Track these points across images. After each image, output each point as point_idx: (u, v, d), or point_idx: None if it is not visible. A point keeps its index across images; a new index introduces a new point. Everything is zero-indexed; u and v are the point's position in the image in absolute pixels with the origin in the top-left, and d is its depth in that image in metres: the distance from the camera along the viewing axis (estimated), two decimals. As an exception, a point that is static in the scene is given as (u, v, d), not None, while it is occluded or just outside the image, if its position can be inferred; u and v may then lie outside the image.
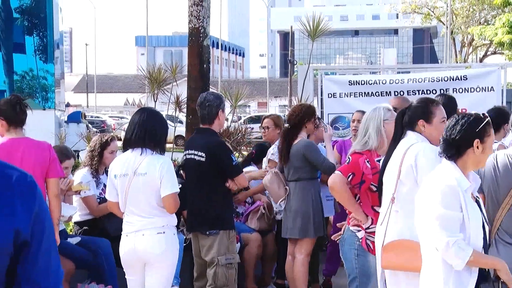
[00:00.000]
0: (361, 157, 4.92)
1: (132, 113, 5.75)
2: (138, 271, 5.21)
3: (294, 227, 6.79)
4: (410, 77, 9.73)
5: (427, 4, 43.54)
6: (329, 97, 9.56)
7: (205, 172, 5.83)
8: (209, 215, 5.83)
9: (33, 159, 5.43)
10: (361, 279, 4.90)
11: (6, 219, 1.50)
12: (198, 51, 9.42)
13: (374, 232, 4.79)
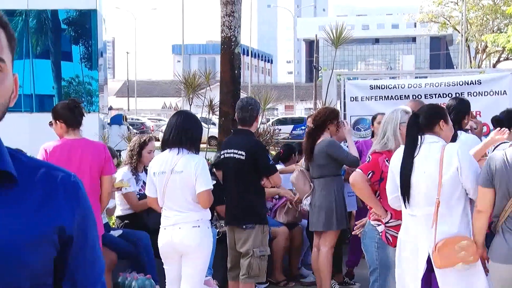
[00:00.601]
0: (381, 156, 4.90)
1: (169, 116, 5.78)
2: (175, 261, 5.23)
3: (319, 221, 6.80)
4: (427, 82, 9.68)
5: (443, 13, 43.22)
6: (351, 100, 9.54)
7: (244, 169, 5.83)
8: (246, 210, 5.84)
9: (91, 159, 5.46)
10: (381, 269, 4.87)
11: (52, 216, 1.50)
12: (230, 58, 9.43)
13: (393, 226, 4.79)
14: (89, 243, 1.60)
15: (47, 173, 1.55)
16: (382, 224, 4.83)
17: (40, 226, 1.48)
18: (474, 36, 41.13)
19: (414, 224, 4.37)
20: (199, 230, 5.13)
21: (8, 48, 1.46)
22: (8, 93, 1.47)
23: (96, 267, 1.62)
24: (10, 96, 1.48)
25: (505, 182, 4.12)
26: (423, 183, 4.31)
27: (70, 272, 1.56)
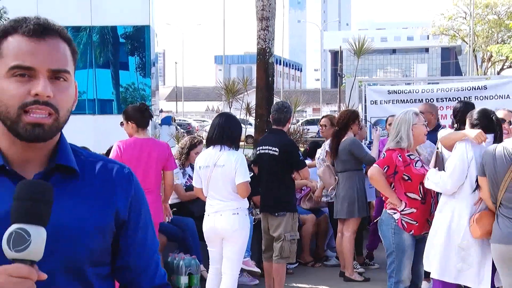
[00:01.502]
0: (394, 152, 4.87)
1: (212, 117, 5.81)
2: (217, 244, 5.24)
3: (342, 209, 6.82)
4: (438, 87, 9.59)
5: (453, 27, 42.72)
6: (371, 103, 9.50)
7: (277, 164, 5.83)
8: (279, 200, 5.83)
9: (156, 156, 5.51)
10: (397, 253, 4.83)
11: (109, 204, 1.51)
12: (265, 67, 9.43)
13: (408, 214, 4.78)
14: (141, 225, 1.58)
15: (104, 166, 1.56)
16: (398, 212, 4.80)
17: (101, 213, 1.49)
18: (480, 47, 40.59)
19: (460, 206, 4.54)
20: (238, 217, 5.14)
21: (71, 61, 1.47)
22: (72, 99, 1.47)
23: (146, 247, 1.60)
24: (73, 102, 1.49)
25: (492, 173, 4.24)
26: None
27: (123, 252, 1.56)
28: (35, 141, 1.41)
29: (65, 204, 1.43)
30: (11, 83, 1.38)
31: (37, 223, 1.28)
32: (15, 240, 1.26)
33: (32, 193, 1.30)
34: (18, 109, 1.38)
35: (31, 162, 1.46)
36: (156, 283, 1.61)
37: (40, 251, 1.28)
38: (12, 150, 1.44)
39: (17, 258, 1.26)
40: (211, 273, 5.33)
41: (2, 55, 1.41)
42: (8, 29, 1.42)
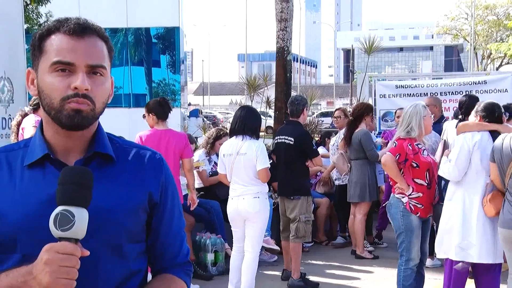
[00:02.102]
0: (405, 141, 4.83)
1: (235, 110, 5.79)
2: (240, 225, 5.25)
3: (355, 193, 6.82)
4: (442, 82, 9.53)
5: (455, 27, 42.22)
6: (380, 97, 9.45)
7: (292, 152, 5.80)
8: (293, 185, 5.81)
9: (174, 145, 5.52)
10: (407, 233, 4.80)
11: (142, 185, 1.52)
12: (283, 64, 9.40)
13: (415, 198, 4.75)
14: (169, 207, 1.58)
15: (137, 152, 1.56)
16: (406, 196, 4.78)
17: (135, 195, 1.49)
18: (481, 45, 40.11)
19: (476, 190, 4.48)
20: (258, 200, 5.14)
21: (108, 57, 1.47)
22: (107, 92, 1.48)
23: (173, 227, 1.60)
24: (108, 96, 1.50)
25: (499, 161, 4.22)
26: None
27: (153, 230, 1.56)
28: (75, 129, 1.43)
29: (104, 187, 1.43)
30: (53, 77, 1.40)
31: (80, 205, 1.30)
32: (61, 220, 1.28)
33: (75, 178, 1.32)
34: (60, 100, 1.40)
35: (72, 150, 1.47)
36: (178, 260, 1.62)
37: (83, 230, 1.30)
38: (55, 140, 1.46)
39: (62, 237, 1.28)
40: (235, 250, 5.34)
41: (46, 52, 1.42)
42: (52, 28, 1.44)
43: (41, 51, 1.43)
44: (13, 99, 7.38)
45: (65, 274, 1.26)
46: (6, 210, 1.39)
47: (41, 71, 1.43)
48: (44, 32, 1.44)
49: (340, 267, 6.60)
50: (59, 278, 1.26)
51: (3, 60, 7.38)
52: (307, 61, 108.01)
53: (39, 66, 1.44)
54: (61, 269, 1.26)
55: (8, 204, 1.40)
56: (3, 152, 1.49)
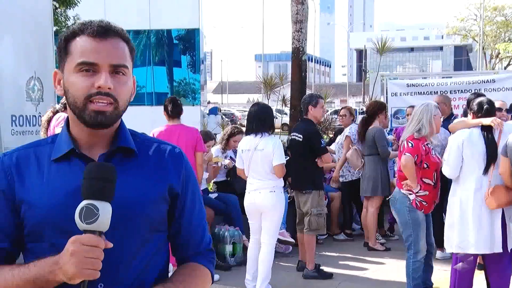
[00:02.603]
0: (420, 142, 4.78)
1: (252, 108, 5.76)
2: (257, 218, 5.25)
3: (368, 188, 6.79)
4: (452, 81, 9.42)
5: (465, 28, 41.79)
6: (392, 95, 9.38)
7: (302, 149, 5.79)
8: (305, 179, 5.78)
9: (185, 139, 5.57)
10: (414, 227, 4.77)
11: (163, 178, 1.52)
12: (298, 64, 9.37)
13: (421, 195, 4.73)
14: (190, 197, 1.58)
15: (158, 147, 1.58)
16: (413, 194, 4.75)
17: (157, 187, 1.50)
18: (489, 45, 39.66)
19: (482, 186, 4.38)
20: (274, 194, 5.13)
21: (129, 57, 1.48)
22: (129, 91, 1.49)
23: (194, 216, 1.60)
24: (131, 94, 1.51)
25: (510, 154, 4.15)
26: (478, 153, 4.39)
27: (176, 221, 1.57)
28: (98, 127, 1.44)
29: (126, 180, 1.44)
30: (78, 77, 1.42)
31: (104, 199, 1.31)
32: (86, 214, 1.29)
33: (99, 173, 1.33)
34: (84, 99, 1.41)
35: (96, 145, 1.48)
36: (202, 247, 1.62)
37: (107, 223, 1.31)
38: (80, 136, 1.48)
39: (87, 229, 1.30)
40: (252, 242, 5.34)
41: (71, 53, 1.44)
42: (76, 31, 1.45)
43: (67, 53, 1.45)
44: (43, 98, 7.45)
45: (90, 264, 1.28)
46: (35, 201, 1.41)
47: (67, 72, 1.44)
48: (69, 35, 1.46)
49: (353, 259, 6.58)
50: (84, 269, 1.28)
51: (34, 61, 7.44)
52: (321, 61, 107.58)
53: (65, 67, 1.45)
54: (86, 260, 1.28)
55: (37, 195, 1.42)
56: (31, 147, 1.51)
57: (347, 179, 7.41)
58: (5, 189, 1.43)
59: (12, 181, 1.44)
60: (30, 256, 1.43)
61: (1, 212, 1.43)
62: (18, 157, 1.47)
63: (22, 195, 1.42)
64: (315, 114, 5.80)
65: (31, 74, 7.35)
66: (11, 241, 1.44)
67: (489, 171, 4.36)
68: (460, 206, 4.47)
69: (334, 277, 5.81)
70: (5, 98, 6.92)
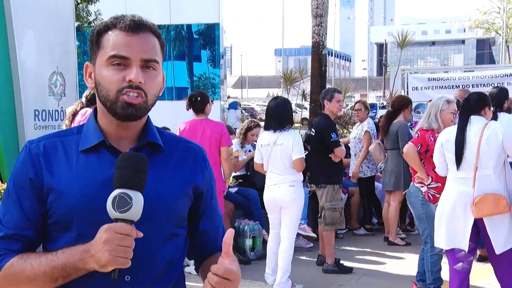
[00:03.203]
0: (427, 133, 4.76)
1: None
2: (276, 212, 5.25)
3: (390, 182, 6.76)
4: (474, 75, 9.33)
5: (487, 21, 41.16)
6: (413, 90, 9.33)
7: (316, 143, 5.77)
8: (321, 173, 5.75)
9: (209, 133, 5.58)
10: (428, 220, 4.74)
11: (189, 177, 1.54)
12: (318, 58, 9.34)
13: (433, 188, 4.68)
14: (214, 196, 1.62)
15: (184, 145, 1.59)
16: (425, 186, 4.71)
17: (183, 183, 1.52)
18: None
19: (463, 185, 4.16)
20: (293, 188, 5.13)
21: (160, 53, 1.50)
22: (159, 86, 1.50)
23: (218, 214, 1.65)
24: (160, 89, 1.52)
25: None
26: (469, 153, 4.10)
27: (203, 218, 1.60)
28: (128, 120, 1.45)
29: (155, 175, 1.45)
30: (109, 71, 1.43)
31: (136, 189, 1.33)
32: (119, 202, 1.30)
33: (132, 163, 1.35)
34: (116, 92, 1.42)
35: (125, 139, 1.50)
36: None
37: (139, 212, 1.32)
38: (110, 129, 1.49)
39: (119, 218, 1.31)
40: (272, 236, 5.35)
41: (103, 46, 1.45)
42: (109, 24, 1.47)
43: (99, 46, 1.46)
44: (65, 93, 7.53)
45: (122, 253, 1.29)
46: (65, 191, 1.42)
47: (98, 65, 1.46)
48: (102, 28, 1.47)
49: (373, 253, 6.55)
50: (117, 257, 1.29)
51: (56, 56, 7.52)
52: (341, 55, 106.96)
53: (96, 60, 1.47)
54: (119, 248, 1.29)
55: (66, 185, 1.43)
56: (57, 137, 1.52)
57: (366, 174, 7.37)
58: (32, 177, 1.44)
59: (40, 170, 1.44)
60: (54, 245, 1.43)
61: (28, 200, 1.44)
62: (45, 146, 1.48)
63: (50, 184, 1.43)
64: (331, 109, 5.76)
65: (54, 69, 7.43)
66: (35, 230, 1.45)
67: (473, 171, 4.08)
68: (441, 203, 4.31)
69: (354, 271, 5.80)
70: (28, 93, 7.01)
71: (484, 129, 4.07)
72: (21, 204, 1.44)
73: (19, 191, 1.45)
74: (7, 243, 1.42)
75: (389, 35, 12.82)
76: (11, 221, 1.44)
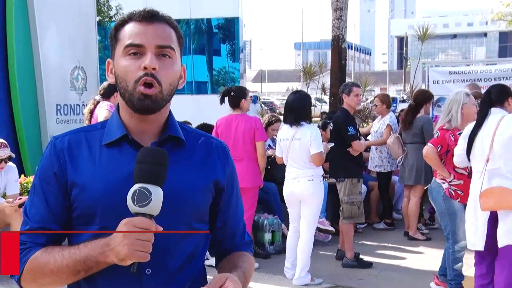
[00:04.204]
0: (447, 132, 4.70)
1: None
2: (296, 206, 5.24)
3: (411, 177, 6.69)
4: (496, 68, 9.17)
5: (510, 13, 40.50)
6: (434, 83, 9.21)
7: (334, 137, 5.75)
8: (339, 167, 5.75)
9: (243, 129, 5.60)
10: (450, 216, 4.70)
11: (210, 172, 1.54)
12: (338, 52, 9.30)
13: (455, 185, 4.64)
14: (235, 192, 1.62)
15: (206, 140, 1.59)
16: (446, 183, 4.67)
17: (204, 178, 1.52)
18: (537, 31, 38.37)
19: (476, 179, 4.09)
20: (313, 182, 5.12)
21: (176, 42, 1.50)
22: (175, 76, 1.49)
23: (238, 209, 1.65)
24: (178, 80, 1.51)
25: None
26: (483, 145, 4.01)
27: (222, 213, 1.60)
28: (146, 112, 1.46)
29: (176, 169, 1.46)
30: (126, 61, 1.45)
31: (156, 183, 1.33)
32: (139, 197, 1.31)
33: (152, 157, 1.35)
34: (134, 83, 1.43)
35: (147, 133, 1.50)
36: (246, 239, 1.67)
37: (158, 207, 1.33)
38: (131, 122, 1.50)
39: (139, 212, 1.32)
40: (291, 230, 5.34)
41: (120, 39, 1.48)
42: (125, 19, 1.49)
43: (117, 40, 1.49)
44: (86, 87, 7.60)
45: (141, 246, 1.30)
46: (87, 185, 1.44)
47: (117, 57, 1.48)
48: (119, 23, 1.50)
49: (393, 248, 6.51)
50: (136, 251, 1.30)
51: (78, 51, 7.60)
52: (361, 48, 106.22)
53: (115, 54, 1.49)
54: (138, 242, 1.30)
55: (89, 179, 1.44)
56: (82, 131, 1.54)
57: (386, 169, 7.30)
58: (57, 171, 1.46)
59: (65, 164, 1.46)
60: (77, 239, 1.45)
61: (53, 194, 1.46)
62: (70, 141, 1.50)
63: (74, 178, 1.45)
64: (349, 103, 5.73)
65: (75, 63, 7.50)
66: (59, 224, 1.47)
67: (482, 166, 3.99)
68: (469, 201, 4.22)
69: (373, 266, 5.77)
70: (50, 87, 7.09)
71: (500, 121, 3.97)
72: (46, 198, 1.46)
73: (44, 186, 1.47)
74: (33, 236, 1.45)
75: (410, 28, 12.68)
76: (37, 215, 1.46)
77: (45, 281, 1.40)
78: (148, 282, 1.43)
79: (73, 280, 1.41)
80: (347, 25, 9.38)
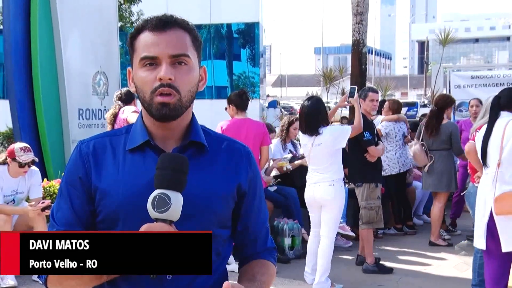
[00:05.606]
0: None
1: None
2: (317, 210, 5.22)
3: (441, 183, 6.57)
4: (519, 72, 9.04)
5: (534, 16, 39.95)
6: (455, 88, 9.14)
7: (351, 142, 5.69)
8: (356, 172, 5.71)
9: (253, 133, 5.59)
10: None
11: (233, 176, 1.54)
12: (358, 56, 9.26)
13: None
14: (257, 197, 1.61)
15: (229, 144, 1.58)
16: None
17: (227, 183, 1.51)
18: (561, 34, 37.79)
19: (487, 181, 4.04)
20: (333, 187, 5.08)
21: (192, 46, 1.48)
22: (194, 81, 1.48)
23: (261, 214, 1.63)
24: (198, 84, 1.51)
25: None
26: (491, 150, 3.99)
27: (244, 218, 1.59)
28: (164, 120, 1.46)
29: (198, 175, 1.46)
30: (143, 72, 1.45)
31: (176, 189, 1.33)
32: (158, 202, 1.31)
33: (172, 164, 1.35)
34: (150, 93, 1.43)
35: (169, 139, 1.50)
36: (268, 245, 1.65)
37: (178, 213, 1.33)
38: (153, 129, 1.50)
39: (159, 218, 1.32)
40: (312, 235, 5.31)
41: (136, 50, 1.48)
42: (139, 28, 1.49)
43: (133, 50, 1.49)
44: (108, 92, 7.68)
45: None
46: (111, 189, 1.45)
47: (135, 68, 1.48)
48: (134, 32, 1.50)
49: (414, 254, 6.43)
50: None
51: (100, 56, 7.68)
52: (381, 53, 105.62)
53: (133, 64, 1.50)
54: None
55: (112, 184, 1.46)
56: (107, 136, 1.55)
57: (393, 172, 7.16)
58: (82, 176, 1.48)
59: (89, 169, 1.48)
60: None
61: (78, 198, 1.48)
62: (95, 145, 1.52)
63: (98, 183, 1.46)
64: (365, 107, 5.68)
65: (97, 68, 7.58)
66: (85, 227, 1.48)
67: (494, 168, 3.96)
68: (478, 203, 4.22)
69: (394, 272, 5.71)
70: (73, 92, 7.18)
71: (506, 125, 3.93)
72: (71, 202, 1.48)
73: (70, 189, 1.49)
74: None
75: (431, 33, 12.61)
76: (63, 218, 1.49)
77: (70, 284, 1.40)
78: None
79: (96, 283, 1.42)
80: (367, 29, 9.34)
